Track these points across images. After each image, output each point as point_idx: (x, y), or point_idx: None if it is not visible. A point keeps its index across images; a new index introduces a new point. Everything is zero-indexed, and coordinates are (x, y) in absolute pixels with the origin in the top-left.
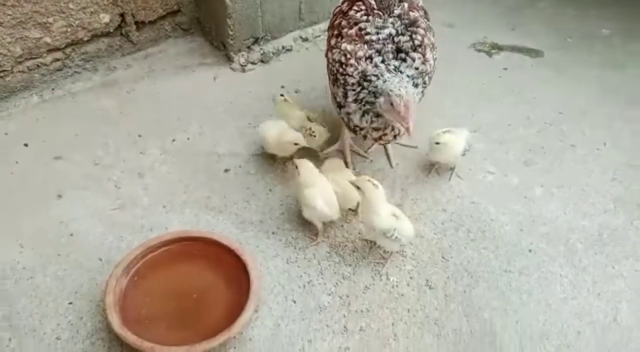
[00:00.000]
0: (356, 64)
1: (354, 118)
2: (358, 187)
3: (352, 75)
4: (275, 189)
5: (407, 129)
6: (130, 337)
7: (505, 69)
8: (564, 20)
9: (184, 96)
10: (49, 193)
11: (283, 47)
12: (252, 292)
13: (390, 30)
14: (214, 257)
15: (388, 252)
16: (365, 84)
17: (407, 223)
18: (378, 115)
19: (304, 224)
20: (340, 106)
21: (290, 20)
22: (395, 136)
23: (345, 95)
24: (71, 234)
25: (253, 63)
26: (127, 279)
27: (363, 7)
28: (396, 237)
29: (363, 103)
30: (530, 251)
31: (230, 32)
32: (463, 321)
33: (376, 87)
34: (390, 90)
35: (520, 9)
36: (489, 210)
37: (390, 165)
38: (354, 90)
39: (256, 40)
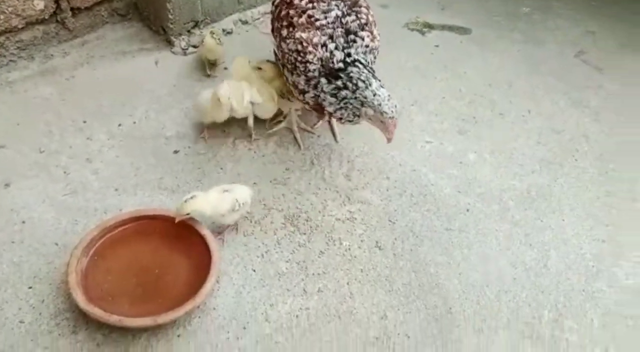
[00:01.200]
0: (314, 50)
1: (328, 108)
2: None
3: (312, 62)
4: (226, 167)
5: (389, 140)
6: (97, 312)
7: (437, 46)
8: (490, 0)
9: (126, 81)
10: None
11: (223, 30)
12: (213, 262)
13: (336, 12)
14: (172, 234)
15: None
16: (343, 80)
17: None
18: (355, 115)
19: (256, 196)
20: (303, 92)
21: (229, 4)
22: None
23: (308, 82)
24: (23, 222)
25: (194, 46)
26: (87, 259)
27: None
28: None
29: (343, 102)
30: (467, 210)
31: (170, 16)
32: (412, 276)
33: (365, 97)
34: (384, 112)
35: None
36: (428, 176)
37: (335, 140)
38: (315, 76)
39: (196, 24)
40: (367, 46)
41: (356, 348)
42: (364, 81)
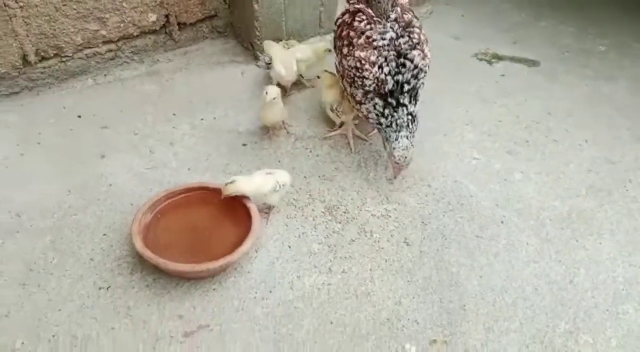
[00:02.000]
0: (370, 68)
1: (370, 121)
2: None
3: (368, 78)
4: (283, 161)
5: (390, 179)
6: (149, 254)
7: (503, 75)
8: (564, 37)
9: (214, 86)
10: (95, 154)
11: None
12: (253, 230)
13: (391, 34)
14: (224, 205)
15: None
16: (390, 111)
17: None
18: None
19: (304, 188)
20: (360, 103)
21: (310, 27)
22: None
23: (366, 95)
24: (110, 185)
25: None
26: (151, 216)
27: (364, 18)
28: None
29: (379, 125)
30: (502, 222)
31: (257, 34)
32: (433, 272)
33: (389, 137)
34: (394, 156)
35: (524, 26)
36: (469, 188)
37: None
38: (371, 91)
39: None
40: (416, 67)
41: (367, 324)
42: (398, 125)
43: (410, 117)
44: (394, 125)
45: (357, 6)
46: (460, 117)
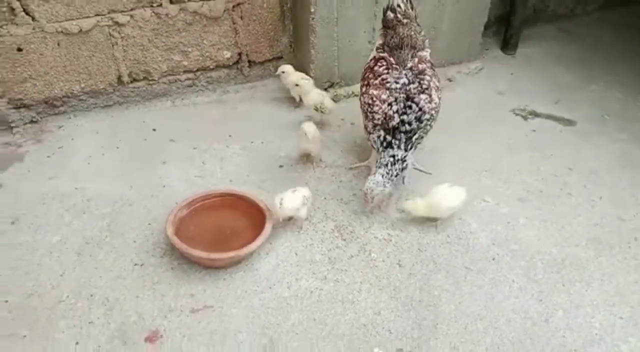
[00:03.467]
0: (380, 104)
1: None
2: None
3: (377, 112)
4: (309, 183)
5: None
6: (175, 240)
7: (534, 130)
8: (609, 102)
9: (269, 116)
10: (158, 160)
11: (352, 92)
12: (264, 232)
13: (404, 80)
14: (249, 211)
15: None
16: (389, 150)
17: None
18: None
19: (322, 207)
20: (369, 133)
21: (360, 73)
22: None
23: (374, 127)
24: (164, 186)
25: None
26: (186, 212)
27: (384, 63)
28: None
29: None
30: (494, 259)
31: (312, 75)
32: (417, 292)
33: (375, 173)
34: (366, 188)
35: (570, 88)
36: (472, 226)
37: (403, 182)
38: (379, 124)
39: (332, 85)
40: (420, 109)
41: (345, 326)
42: (380, 162)
43: (391, 159)
44: (383, 163)
45: (381, 54)
46: (479, 164)
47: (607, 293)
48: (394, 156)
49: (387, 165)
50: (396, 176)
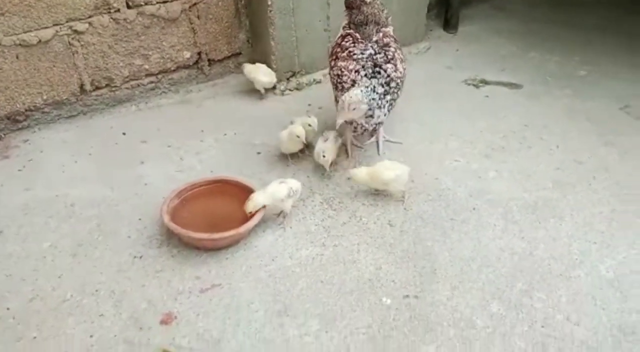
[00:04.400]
0: (348, 74)
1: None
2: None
3: (346, 82)
4: (290, 164)
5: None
6: (172, 226)
7: (487, 96)
8: (549, 65)
9: (237, 110)
10: (135, 160)
11: (314, 80)
12: (258, 213)
13: (370, 51)
14: (239, 195)
15: None
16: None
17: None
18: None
19: (306, 184)
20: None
21: (320, 61)
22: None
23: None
24: (145, 184)
25: (290, 90)
26: (178, 201)
27: (351, 39)
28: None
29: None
30: (474, 208)
31: (274, 66)
32: (411, 245)
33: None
34: (344, 97)
35: (513, 57)
36: (447, 183)
37: (378, 153)
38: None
39: (294, 74)
40: (388, 76)
41: (351, 283)
42: (366, 87)
43: (370, 86)
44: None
45: (347, 31)
46: (444, 129)
47: (578, 224)
48: (372, 85)
49: (367, 86)
50: (372, 105)
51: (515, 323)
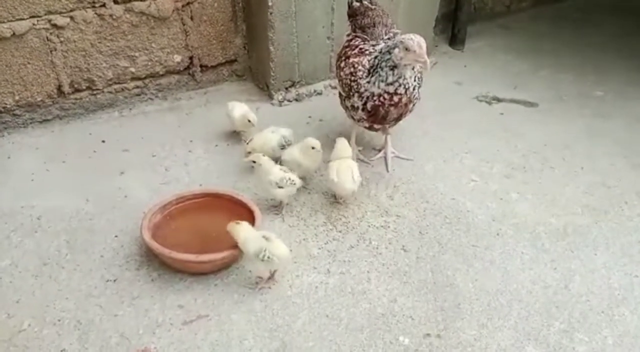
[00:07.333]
0: (363, 68)
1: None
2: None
3: (362, 78)
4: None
5: (425, 63)
6: (154, 245)
7: (502, 114)
8: (563, 84)
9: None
10: (114, 171)
11: (314, 91)
12: (256, 223)
13: (381, 45)
14: (232, 209)
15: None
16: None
17: (279, 244)
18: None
19: (308, 202)
20: (355, 109)
21: (321, 71)
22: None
23: (361, 98)
24: (125, 196)
25: (289, 100)
26: (161, 217)
27: (359, 39)
28: (268, 258)
29: (376, 69)
30: (498, 234)
31: (272, 74)
32: (429, 275)
33: (389, 51)
34: (402, 40)
35: (524, 74)
36: (466, 205)
37: (387, 170)
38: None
39: (293, 84)
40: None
41: (362, 318)
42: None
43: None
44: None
45: (354, 34)
46: (458, 147)
47: (615, 255)
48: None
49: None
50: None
51: None
